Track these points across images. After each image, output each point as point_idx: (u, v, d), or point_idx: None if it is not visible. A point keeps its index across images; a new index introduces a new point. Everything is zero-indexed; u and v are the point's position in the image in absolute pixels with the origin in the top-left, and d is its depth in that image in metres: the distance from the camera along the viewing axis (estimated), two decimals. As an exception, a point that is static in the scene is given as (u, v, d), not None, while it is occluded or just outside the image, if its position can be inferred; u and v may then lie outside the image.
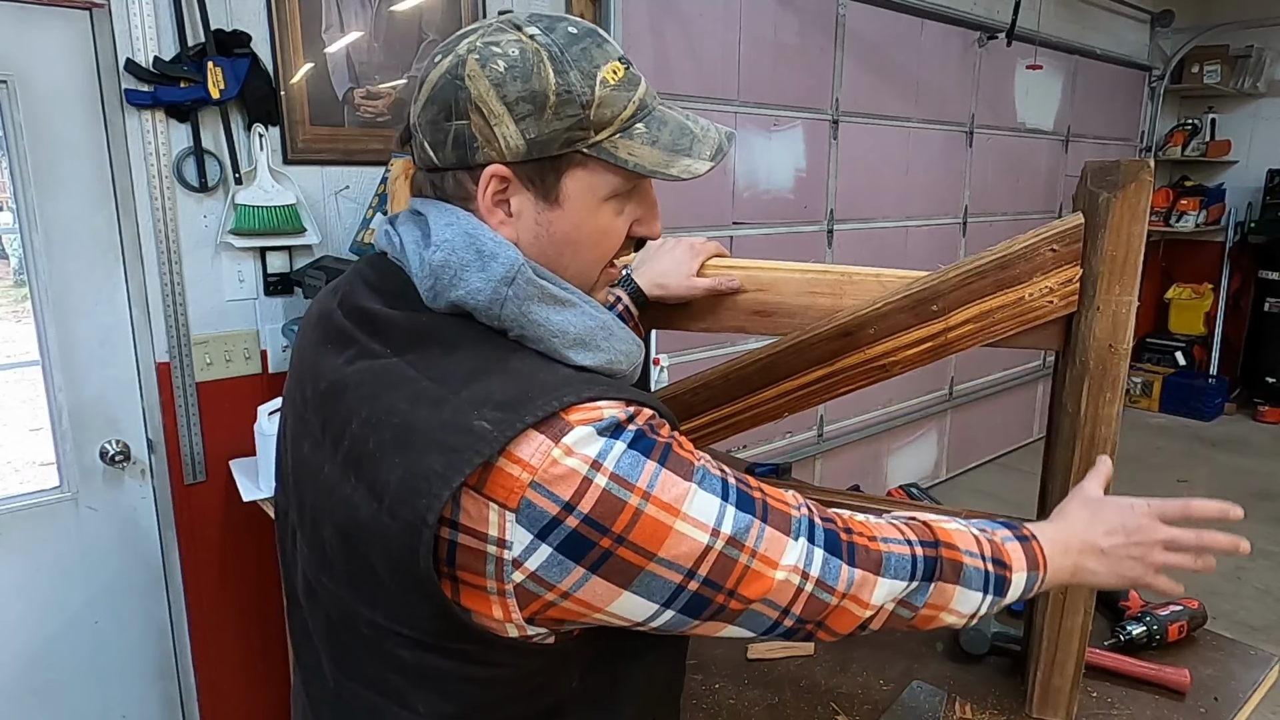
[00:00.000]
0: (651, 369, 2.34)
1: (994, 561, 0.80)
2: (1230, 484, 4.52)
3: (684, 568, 0.65)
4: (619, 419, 0.65)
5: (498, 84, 0.67)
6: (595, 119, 0.68)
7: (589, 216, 0.72)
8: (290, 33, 2.00)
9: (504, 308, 0.69)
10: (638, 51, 2.68)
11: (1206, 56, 5.44)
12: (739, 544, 0.67)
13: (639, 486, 0.64)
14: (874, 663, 1.27)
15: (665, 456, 0.66)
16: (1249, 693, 1.20)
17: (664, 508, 0.64)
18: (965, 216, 4.24)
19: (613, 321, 0.74)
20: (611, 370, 0.73)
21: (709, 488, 0.67)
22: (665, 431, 0.68)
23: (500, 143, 0.68)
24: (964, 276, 1.04)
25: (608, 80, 0.69)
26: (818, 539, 0.72)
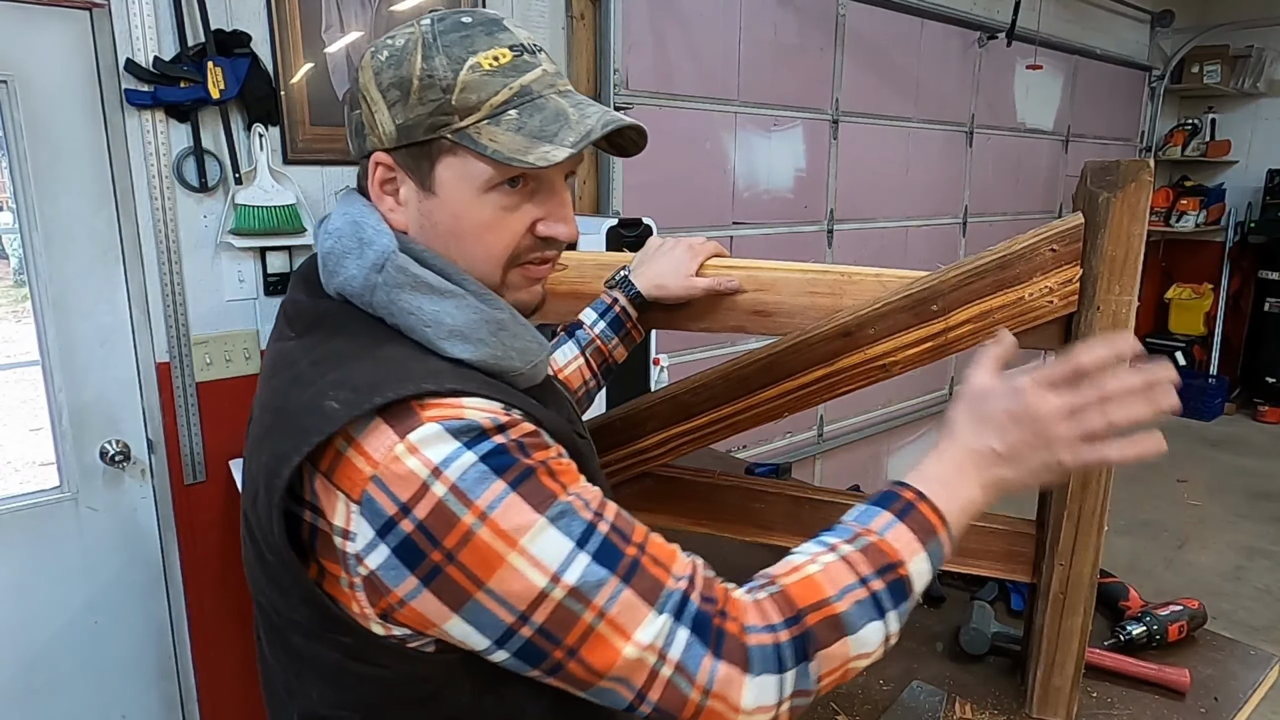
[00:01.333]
0: (651, 369, 2.34)
1: (879, 574, 0.69)
2: (1230, 484, 4.52)
3: (515, 608, 0.61)
4: (481, 425, 0.62)
5: (377, 72, 0.69)
6: (458, 104, 0.67)
7: (469, 208, 0.70)
8: (290, 33, 2.00)
9: (374, 295, 0.68)
10: (638, 51, 2.68)
11: (1206, 56, 5.44)
12: (584, 599, 0.61)
13: (477, 505, 0.60)
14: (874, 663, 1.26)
15: (521, 480, 0.61)
16: (1249, 693, 1.20)
17: (500, 535, 0.60)
18: (965, 216, 4.24)
19: (509, 318, 0.71)
20: (500, 368, 0.70)
21: (563, 528, 0.62)
22: (540, 454, 0.64)
23: (380, 129, 0.69)
24: (964, 276, 1.04)
25: (481, 65, 0.67)
26: (686, 617, 0.63)
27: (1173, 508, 4.24)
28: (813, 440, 3.69)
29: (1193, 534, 3.94)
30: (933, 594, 1.44)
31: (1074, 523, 1.06)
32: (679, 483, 1.30)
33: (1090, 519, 1.05)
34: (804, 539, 1.25)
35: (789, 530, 1.25)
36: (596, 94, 2.62)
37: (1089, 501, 1.05)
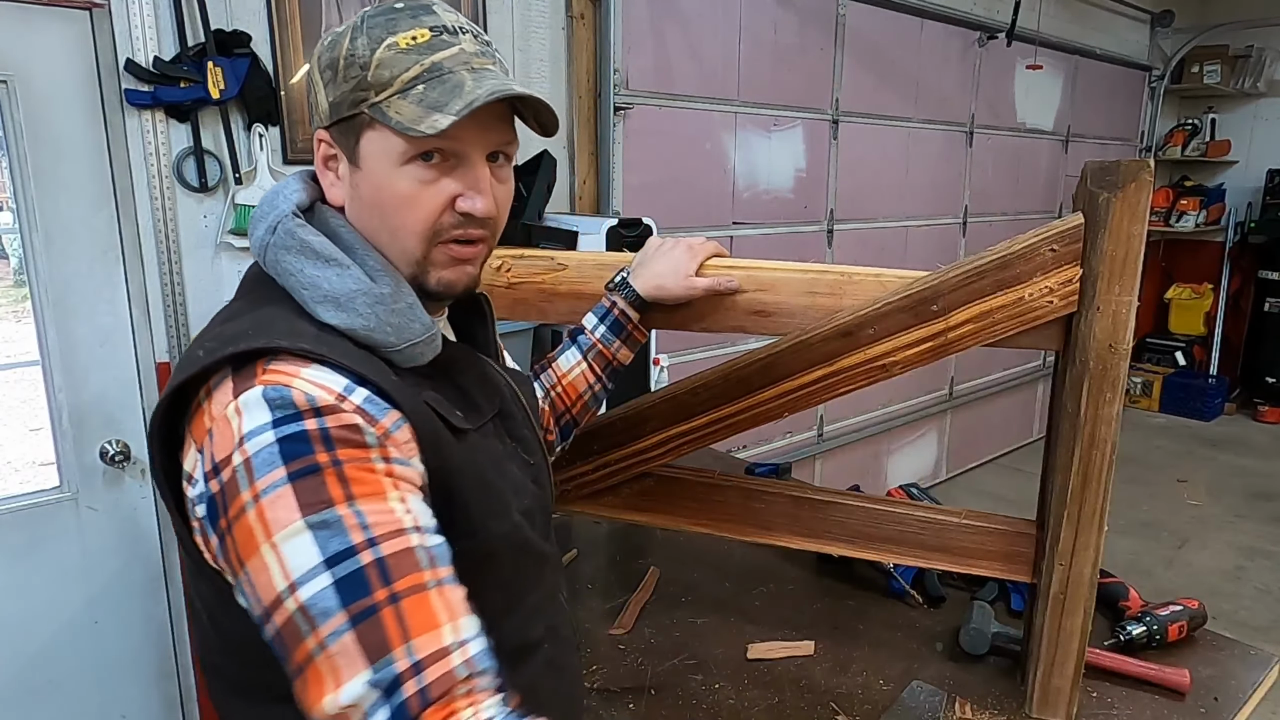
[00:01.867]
0: (651, 369, 2.34)
1: None
2: (1230, 484, 4.52)
3: (262, 600, 0.60)
4: (295, 401, 0.63)
5: (319, 56, 0.75)
6: (374, 80, 0.71)
7: (388, 179, 0.73)
8: (290, 33, 2.00)
9: (265, 254, 0.73)
10: (638, 51, 2.68)
11: (1206, 56, 5.44)
12: (310, 622, 0.58)
13: (256, 486, 0.60)
14: (874, 663, 1.27)
15: (302, 475, 0.60)
16: (1249, 693, 1.20)
17: (262, 521, 0.60)
18: (965, 216, 4.23)
19: (394, 294, 0.72)
20: (371, 340, 0.70)
21: (319, 539, 0.59)
22: (344, 451, 0.62)
23: (319, 108, 0.75)
24: (964, 276, 1.04)
25: (398, 45, 0.71)
26: (392, 702, 0.57)
27: (1173, 508, 4.24)
28: (813, 440, 3.69)
29: (1193, 534, 3.94)
30: (933, 594, 1.45)
31: (1074, 523, 1.06)
32: (679, 483, 1.30)
33: (1090, 519, 1.05)
34: (804, 539, 1.26)
35: (789, 530, 1.25)
36: (597, 94, 2.62)
37: (1089, 501, 1.05)
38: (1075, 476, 1.04)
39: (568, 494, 1.33)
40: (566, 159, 2.63)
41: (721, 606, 1.43)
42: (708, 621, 1.38)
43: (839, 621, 1.38)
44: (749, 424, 1.20)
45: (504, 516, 0.78)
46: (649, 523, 1.33)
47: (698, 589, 1.49)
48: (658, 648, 1.31)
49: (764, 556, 1.58)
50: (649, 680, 1.22)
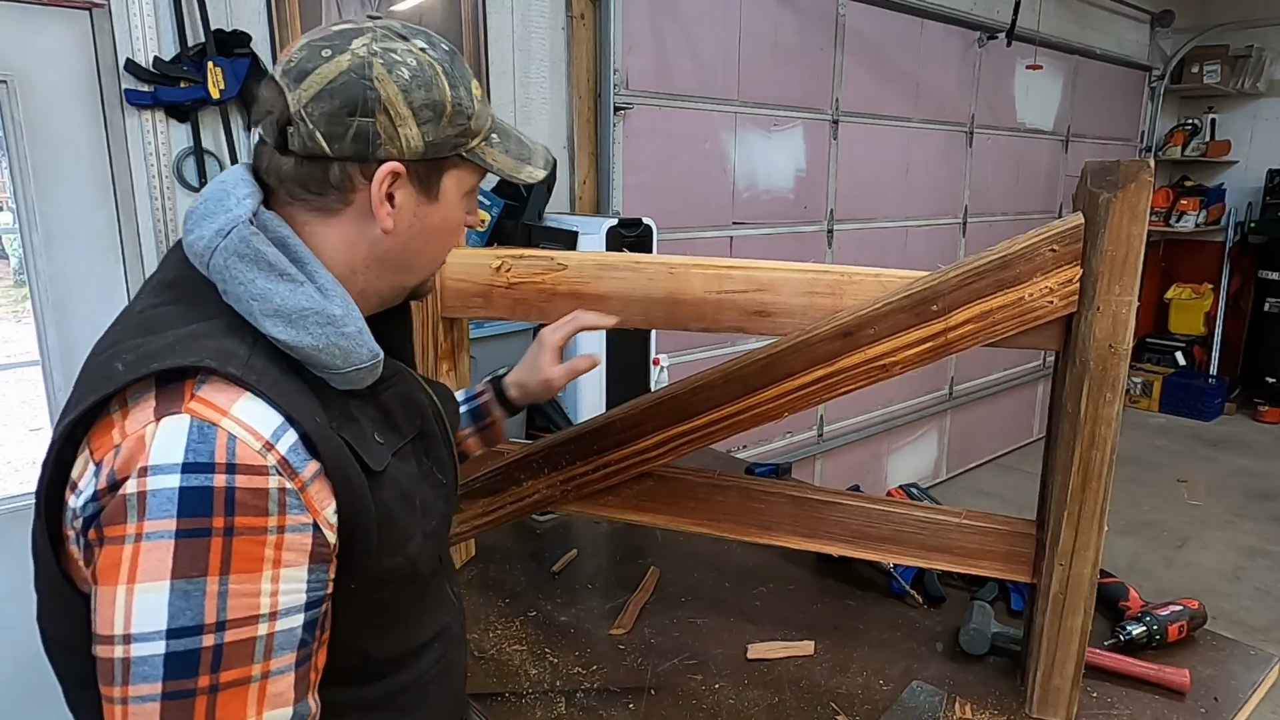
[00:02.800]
0: (651, 369, 2.34)
1: None
2: (1230, 484, 4.52)
3: (106, 635, 0.61)
4: (216, 457, 0.61)
5: (405, 90, 0.73)
6: (474, 129, 0.78)
7: (453, 210, 0.81)
8: (290, 33, 2.00)
9: (212, 257, 0.70)
10: (638, 51, 2.68)
11: (1206, 56, 5.44)
12: (126, 676, 0.59)
13: (143, 524, 0.60)
14: (874, 663, 1.27)
15: (189, 535, 0.60)
16: (1249, 693, 1.20)
17: (131, 563, 0.60)
18: (965, 216, 4.23)
19: (346, 316, 0.72)
20: (317, 360, 0.70)
21: (171, 605, 0.59)
22: (242, 519, 0.62)
23: (402, 142, 0.73)
24: (964, 276, 1.04)
25: (476, 95, 0.78)
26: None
27: (1173, 508, 4.24)
28: (813, 440, 3.69)
29: (1193, 534, 3.94)
30: (932, 594, 1.45)
31: (1074, 523, 1.06)
32: (679, 483, 1.30)
33: (1090, 519, 1.05)
34: (804, 539, 1.26)
35: (789, 530, 1.25)
36: (597, 94, 2.62)
37: (1089, 501, 1.05)
38: (1075, 476, 1.04)
39: (568, 494, 1.33)
40: (566, 159, 2.64)
41: (721, 606, 1.43)
42: (708, 621, 1.38)
43: (839, 621, 1.38)
44: (749, 424, 1.20)
45: (403, 550, 0.78)
46: (649, 523, 1.33)
47: (698, 589, 1.49)
48: (658, 648, 1.31)
49: (764, 556, 1.58)
50: (649, 680, 1.22)
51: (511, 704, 1.16)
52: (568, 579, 1.53)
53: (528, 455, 1.35)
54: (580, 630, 1.35)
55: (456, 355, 1.43)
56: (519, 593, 1.46)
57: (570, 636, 1.33)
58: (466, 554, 1.57)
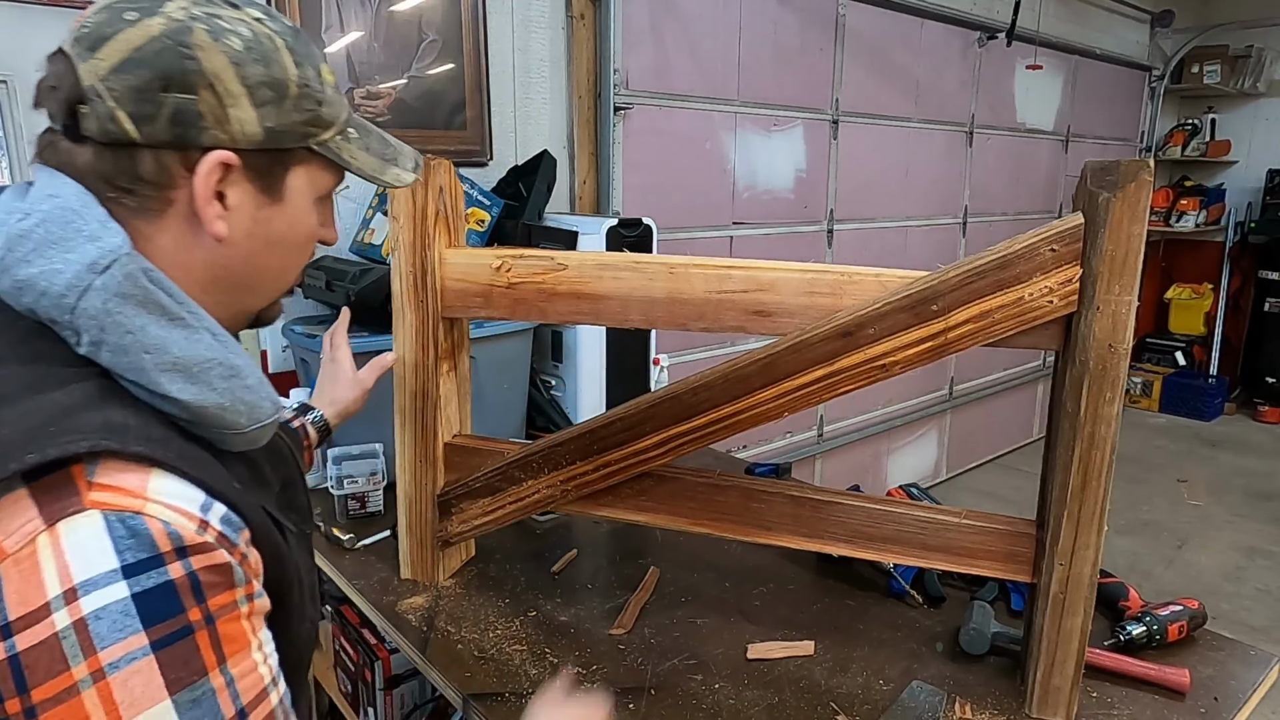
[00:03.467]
0: (651, 369, 2.34)
1: None
2: (1230, 484, 4.52)
3: None
4: (156, 542, 0.50)
5: (236, 63, 0.60)
6: (326, 117, 0.66)
7: (303, 216, 0.68)
8: (290, 33, 2.00)
9: (83, 299, 0.55)
10: (638, 51, 2.68)
11: (1206, 56, 5.44)
12: None
13: (100, 657, 0.47)
14: (874, 663, 1.27)
15: (170, 641, 0.49)
16: (1249, 693, 1.20)
17: (109, 705, 0.47)
18: (965, 216, 4.24)
19: (245, 366, 0.62)
20: (220, 419, 0.59)
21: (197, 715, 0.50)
22: (216, 599, 0.52)
23: (234, 126, 0.60)
24: (964, 276, 1.04)
25: (328, 81, 0.67)
26: None
27: (1173, 508, 4.24)
28: (813, 440, 3.69)
29: (1193, 534, 3.94)
30: (933, 594, 1.45)
31: (1074, 523, 1.06)
32: (679, 483, 1.30)
33: (1090, 519, 1.05)
34: (804, 539, 1.26)
35: (789, 530, 1.25)
36: (597, 94, 2.62)
37: (1089, 501, 1.05)
38: (1075, 476, 1.04)
39: (568, 494, 1.33)
40: (566, 159, 2.64)
41: (721, 606, 1.43)
42: (708, 621, 1.38)
43: (839, 621, 1.38)
44: (749, 424, 1.20)
45: (308, 613, 0.72)
46: (649, 523, 1.33)
47: (698, 589, 1.49)
48: (658, 648, 1.31)
49: (764, 556, 1.58)
50: (649, 680, 1.22)
51: (511, 704, 1.16)
52: (568, 579, 1.53)
53: (528, 455, 1.35)
54: (580, 630, 1.35)
55: (457, 355, 1.43)
56: (519, 593, 1.46)
57: (570, 636, 1.33)
58: (467, 554, 1.57)
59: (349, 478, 1.68)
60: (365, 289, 1.78)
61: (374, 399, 1.36)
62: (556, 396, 2.20)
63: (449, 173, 1.35)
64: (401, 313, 1.37)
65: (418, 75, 2.24)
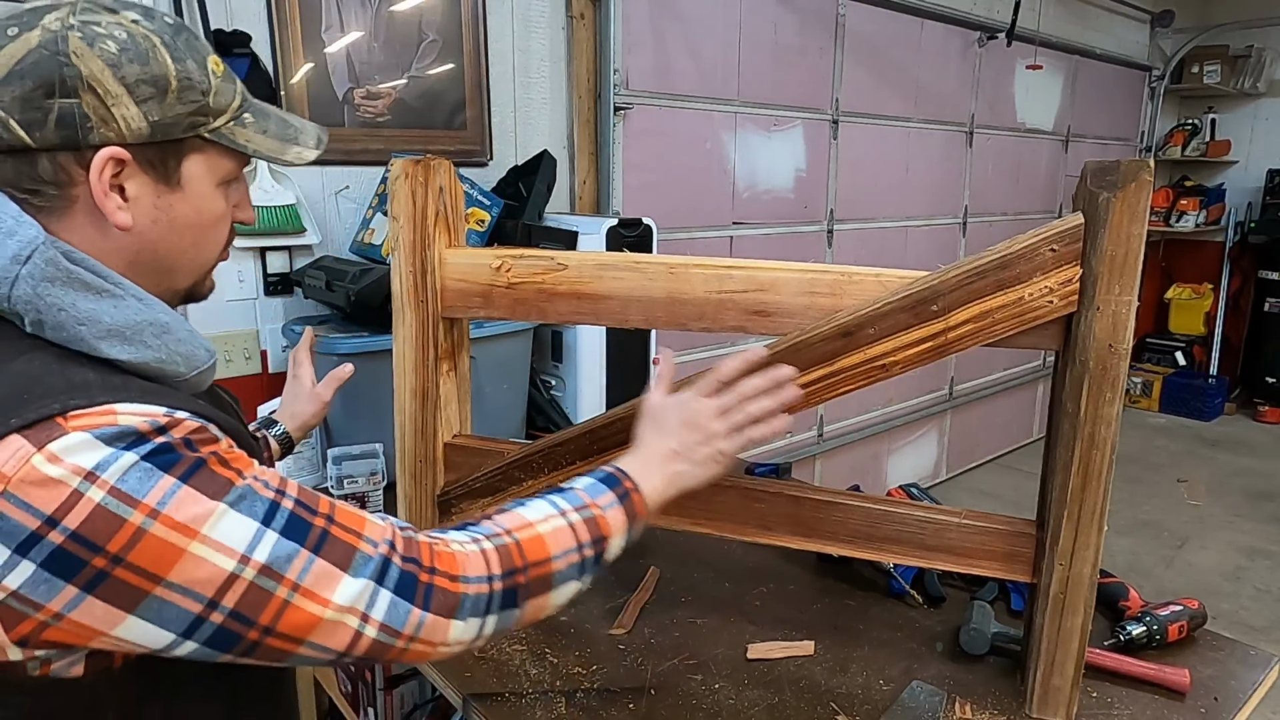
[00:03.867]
0: (651, 369, 2.34)
1: (593, 544, 0.81)
2: (1230, 484, 4.52)
3: (203, 596, 0.60)
4: (138, 428, 0.60)
5: (113, 65, 0.65)
6: (214, 106, 0.72)
7: (207, 200, 0.74)
8: (290, 33, 2.00)
9: (14, 287, 0.63)
10: (638, 51, 2.68)
11: (1206, 56, 5.44)
12: (276, 575, 0.62)
13: (146, 503, 0.58)
14: (874, 663, 1.27)
15: (191, 473, 0.61)
16: (1249, 693, 1.20)
17: (176, 528, 0.59)
18: (965, 216, 4.24)
19: (174, 322, 0.70)
20: (161, 372, 0.68)
21: (246, 510, 0.63)
22: (208, 447, 0.64)
23: (120, 124, 0.66)
24: (964, 276, 1.04)
25: (215, 71, 0.72)
26: (389, 580, 0.67)
27: (1173, 508, 4.24)
28: (813, 440, 3.70)
29: (1193, 534, 3.94)
30: (933, 594, 1.45)
31: (1074, 523, 1.06)
32: (679, 483, 1.30)
33: (1090, 519, 1.05)
34: (804, 539, 1.26)
35: (789, 530, 1.25)
36: (597, 94, 2.62)
37: (1089, 501, 1.05)
38: (1075, 476, 1.04)
39: (568, 494, 1.33)
40: (566, 159, 2.64)
41: (721, 606, 1.43)
42: (708, 621, 1.38)
43: (839, 621, 1.38)
44: (749, 424, 1.20)
45: None
46: (649, 523, 1.33)
47: (698, 589, 1.49)
48: (658, 648, 1.31)
49: (764, 556, 1.58)
50: (649, 680, 1.22)
51: (511, 704, 1.16)
52: (568, 579, 1.53)
53: (528, 455, 1.34)
54: (580, 630, 1.35)
55: (457, 355, 1.43)
56: (519, 593, 1.46)
57: (570, 636, 1.33)
58: (466, 554, 1.57)
59: (349, 478, 1.68)
60: (365, 289, 1.78)
61: (374, 399, 1.36)
62: (556, 396, 2.20)
63: (449, 173, 1.35)
64: (401, 313, 1.37)
65: (418, 75, 2.24)
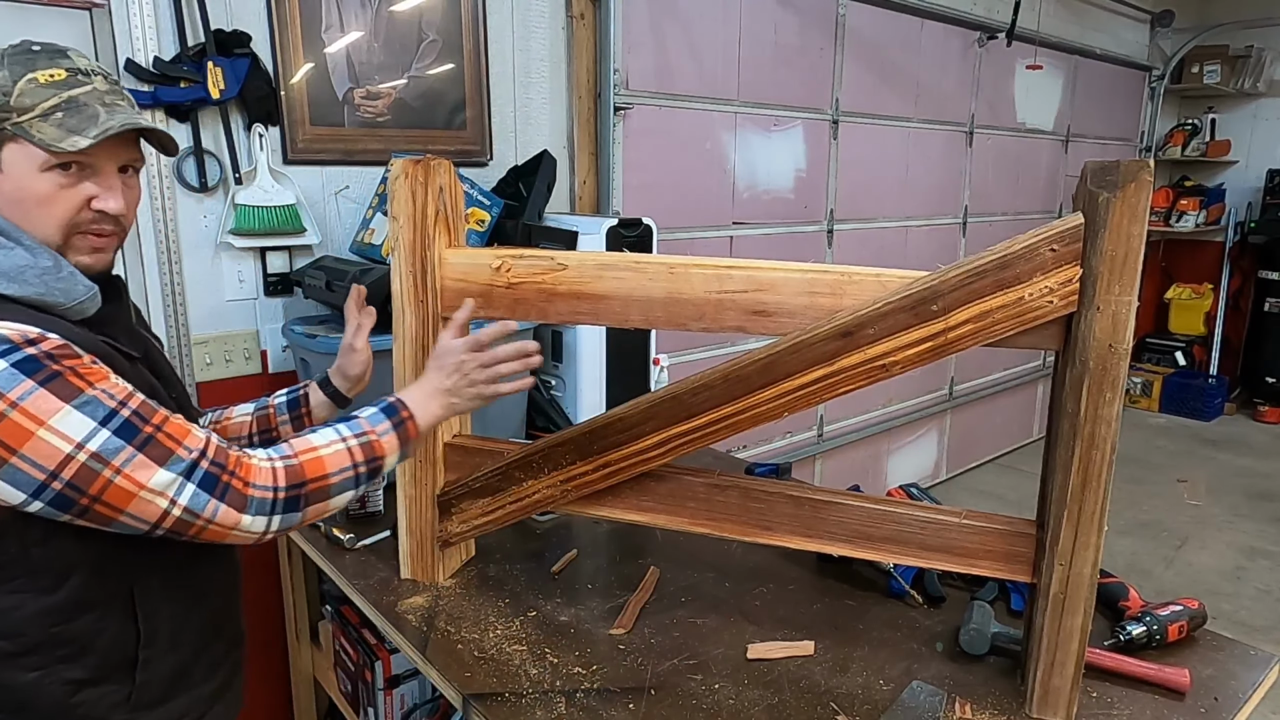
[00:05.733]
0: (651, 369, 2.34)
1: (367, 463, 1.03)
2: (1230, 484, 4.52)
3: (46, 468, 0.82)
4: (11, 338, 0.83)
5: None
6: (15, 105, 0.90)
7: (30, 183, 0.92)
8: (290, 33, 2.00)
9: None
10: (638, 51, 2.68)
11: (1206, 56, 5.44)
12: (104, 461, 0.84)
13: (8, 396, 0.81)
14: (874, 663, 1.27)
15: (48, 380, 0.83)
16: (1249, 693, 1.20)
17: (29, 416, 0.81)
18: (965, 216, 4.23)
19: (57, 264, 0.92)
20: (44, 303, 0.90)
21: (88, 412, 0.84)
22: (68, 361, 0.85)
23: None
24: (964, 276, 1.05)
25: (38, 80, 0.91)
26: (195, 476, 0.89)
27: (1173, 508, 4.24)
28: (813, 440, 3.69)
29: (1193, 534, 3.94)
30: (933, 594, 1.45)
31: (1074, 523, 1.06)
32: (679, 483, 1.30)
33: (1090, 519, 1.05)
34: (804, 539, 1.26)
35: (789, 530, 1.25)
36: (597, 94, 2.62)
37: (1089, 501, 1.05)
38: (1075, 476, 1.05)
39: (568, 494, 1.33)
40: (566, 159, 2.63)
41: (721, 606, 1.43)
42: (708, 621, 1.38)
43: (839, 621, 1.38)
44: (749, 424, 1.20)
45: None
46: (649, 523, 1.33)
47: (698, 589, 1.49)
48: (658, 648, 1.31)
49: (764, 556, 1.58)
50: (649, 680, 1.22)
51: (511, 704, 1.16)
52: (568, 579, 1.53)
53: (528, 455, 1.35)
54: (580, 630, 1.35)
55: (456, 355, 1.43)
56: (519, 593, 1.47)
57: (570, 636, 1.33)
58: (466, 554, 1.57)
59: (349, 478, 1.68)
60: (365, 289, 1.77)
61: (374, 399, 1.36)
62: (556, 396, 2.20)
63: (449, 173, 1.35)
64: (401, 313, 1.37)
65: (418, 75, 2.24)
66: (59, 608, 0.92)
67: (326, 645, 2.01)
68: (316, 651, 2.06)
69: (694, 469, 1.31)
